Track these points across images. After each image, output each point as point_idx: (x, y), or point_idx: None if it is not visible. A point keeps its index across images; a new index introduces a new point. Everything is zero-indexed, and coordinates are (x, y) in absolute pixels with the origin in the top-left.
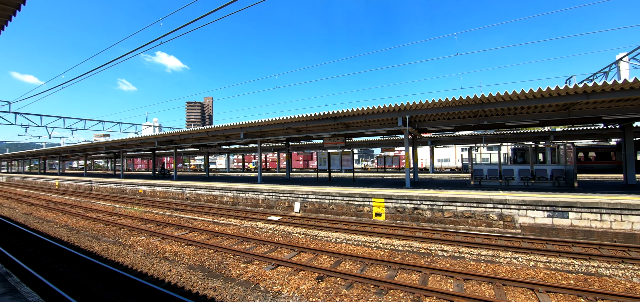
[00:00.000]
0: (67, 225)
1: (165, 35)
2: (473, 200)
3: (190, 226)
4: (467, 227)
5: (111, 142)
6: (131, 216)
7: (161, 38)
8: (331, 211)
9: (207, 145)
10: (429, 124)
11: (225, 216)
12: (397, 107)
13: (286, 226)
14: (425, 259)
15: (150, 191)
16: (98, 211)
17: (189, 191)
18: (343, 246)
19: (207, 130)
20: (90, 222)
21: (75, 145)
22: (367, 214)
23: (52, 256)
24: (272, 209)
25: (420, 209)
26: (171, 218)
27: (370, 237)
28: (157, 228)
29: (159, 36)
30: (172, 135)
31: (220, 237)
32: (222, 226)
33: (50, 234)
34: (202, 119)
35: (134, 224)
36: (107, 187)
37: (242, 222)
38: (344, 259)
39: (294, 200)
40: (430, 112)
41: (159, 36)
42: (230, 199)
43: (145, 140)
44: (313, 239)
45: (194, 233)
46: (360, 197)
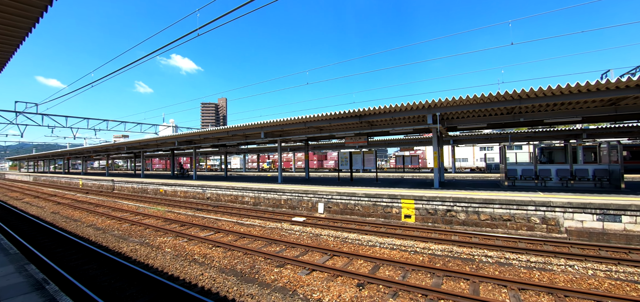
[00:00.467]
0: (93, 224)
1: (181, 38)
2: (513, 202)
3: (214, 227)
4: (506, 231)
5: (132, 143)
6: (155, 215)
7: (177, 41)
8: (357, 212)
9: (226, 145)
10: (459, 121)
11: (248, 217)
12: (427, 104)
13: (312, 228)
14: (469, 265)
15: (171, 191)
16: (122, 210)
17: (209, 191)
18: (377, 249)
19: (227, 130)
20: (116, 222)
21: (98, 146)
22: (396, 216)
23: (82, 257)
24: (295, 210)
25: (454, 211)
26: (194, 218)
27: (404, 240)
28: (182, 229)
29: (174, 39)
30: (191, 135)
31: (247, 238)
32: (247, 227)
33: (78, 234)
34: (216, 120)
35: (158, 224)
36: (128, 187)
37: (266, 223)
38: (382, 264)
39: (318, 201)
40: (462, 109)
41: (174, 39)
42: (252, 199)
43: (165, 141)
44: (343, 242)
45: (220, 234)
46: (389, 198)
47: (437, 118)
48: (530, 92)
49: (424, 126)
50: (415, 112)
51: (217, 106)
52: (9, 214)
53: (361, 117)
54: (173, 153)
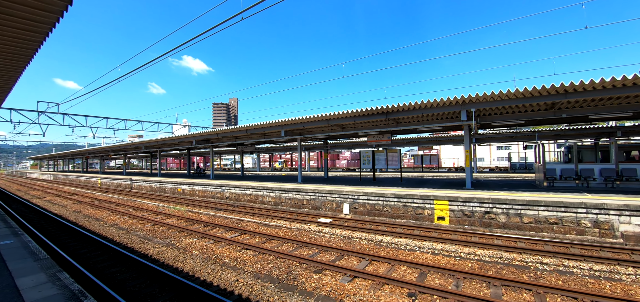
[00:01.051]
0: (116, 224)
1: (192, 40)
2: (560, 204)
3: (239, 228)
4: (553, 235)
5: (149, 142)
6: (176, 215)
7: (189, 42)
8: (385, 213)
9: (244, 144)
10: (494, 118)
11: (271, 217)
12: (462, 99)
13: (341, 229)
14: (526, 273)
15: (189, 190)
16: (143, 209)
17: (228, 191)
18: (418, 254)
19: (246, 128)
20: (138, 222)
21: (115, 145)
22: (428, 218)
23: (108, 259)
24: (318, 211)
25: (493, 213)
26: (217, 218)
27: (444, 244)
28: (206, 229)
29: (186, 40)
30: (209, 134)
31: (275, 240)
32: (272, 228)
33: (102, 234)
34: (227, 120)
35: (181, 224)
36: (146, 186)
37: (292, 224)
38: (429, 272)
39: (343, 201)
40: (499, 104)
41: (186, 40)
42: (272, 199)
43: (183, 140)
44: (379, 246)
45: (246, 236)
46: (420, 199)
47: (472, 114)
48: (578, 86)
49: (457, 123)
50: (448, 108)
51: (229, 106)
52: (34, 214)
53: (389, 114)
54: (189, 152)
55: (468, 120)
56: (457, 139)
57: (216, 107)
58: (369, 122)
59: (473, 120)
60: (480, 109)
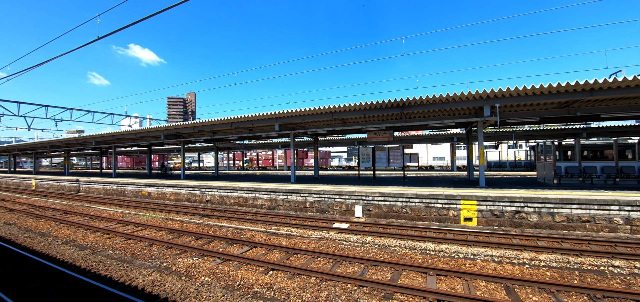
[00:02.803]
0: (73, 240)
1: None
2: (593, 201)
3: (244, 240)
4: (586, 233)
5: (103, 136)
6: (152, 225)
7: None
8: (405, 215)
9: (223, 140)
10: (511, 115)
11: (275, 224)
12: (485, 94)
13: (365, 236)
14: (606, 280)
15: (157, 193)
16: (103, 218)
17: (209, 193)
18: (481, 264)
19: (230, 121)
20: (103, 236)
21: (56, 140)
22: (453, 219)
23: (78, 299)
24: (325, 214)
25: (525, 212)
26: (208, 228)
27: (498, 249)
28: (203, 243)
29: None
30: (182, 128)
31: (301, 255)
32: (286, 238)
33: (56, 256)
34: (184, 115)
35: (165, 237)
36: (99, 188)
37: (306, 232)
38: (514, 285)
39: (355, 203)
40: (523, 100)
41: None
42: (267, 202)
43: (147, 134)
44: (425, 254)
45: (260, 250)
46: (445, 199)
47: (497, 110)
48: (603, 84)
49: (474, 118)
50: (470, 103)
51: (185, 101)
52: None
53: (403, 107)
54: (150, 149)
55: (492, 115)
56: (441, 138)
57: (171, 101)
58: (376, 117)
59: (497, 116)
60: (503, 104)
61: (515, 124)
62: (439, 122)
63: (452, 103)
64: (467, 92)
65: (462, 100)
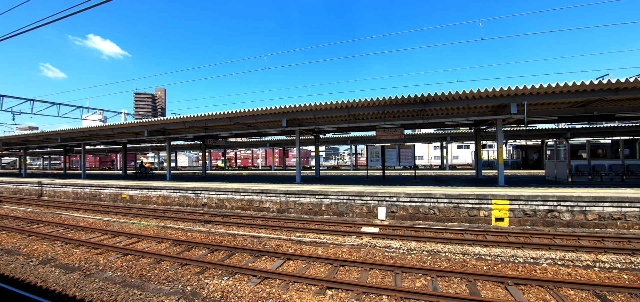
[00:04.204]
0: (53, 259)
1: None
2: (625, 199)
3: (272, 251)
4: (618, 231)
5: (72, 131)
6: (148, 235)
7: None
8: (432, 216)
9: (217, 137)
10: (532, 113)
11: (292, 230)
12: (512, 91)
13: (406, 241)
14: None
15: (140, 196)
16: (83, 228)
17: (205, 196)
18: (547, 267)
19: (229, 116)
20: (91, 252)
21: (11, 136)
22: (484, 220)
23: None
24: (343, 217)
25: (557, 211)
26: (220, 237)
27: (558, 251)
28: (224, 258)
29: None
30: (169, 123)
31: (351, 268)
32: (320, 247)
33: (38, 284)
34: (153, 112)
35: (171, 250)
36: (67, 191)
37: (337, 238)
38: (605, 292)
39: (377, 204)
40: (549, 98)
41: None
42: (275, 205)
43: (127, 129)
44: (480, 260)
45: (298, 264)
46: (476, 199)
47: (524, 107)
48: (635, 83)
49: (497, 116)
50: (496, 100)
51: (154, 97)
52: None
53: (426, 103)
54: (125, 147)
55: (519, 113)
56: (434, 137)
57: (139, 97)
58: (391, 113)
59: (525, 113)
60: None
61: (540, 122)
62: (456, 120)
63: (478, 100)
64: (492, 89)
65: (489, 97)
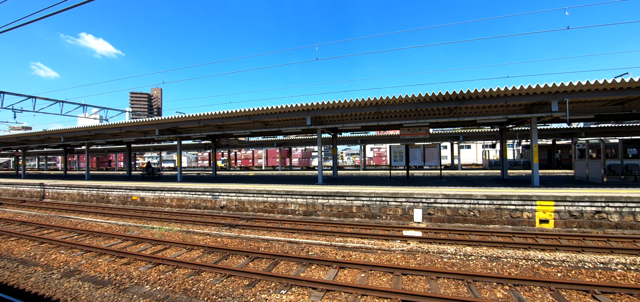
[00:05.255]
0: (76, 270)
1: None
2: None
3: (319, 258)
4: None
5: (76, 130)
6: (174, 241)
7: None
8: (472, 218)
9: (231, 136)
10: (570, 111)
11: (332, 234)
12: (554, 88)
13: (459, 246)
14: None
15: (153, 198)
16: (99, 234)
17: (225, 197)
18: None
19: (248, 114)
20: (118, 262)
21: (10, 136)
22: (528, 222)
23: None
24: (376, 219)
25: (605, 212)
26: (256, 244)
27: (619, 255)
28: (269, 267)
29: None
30: (181, 121)
31: (417, 278)
32: (370, 254)
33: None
34: (149, 111)
35: (208, 259)
36: (72, 194)
37: (384, 244)
38: None
39: (413, 206)
40: (591, 96)
41: None
42: (302, 207)
43: (136, 128)
44: (547, 266)
45: (356, 273)
46: (519, 200)
47: (567, 105)
48: None
49: (532, 115)
50: (537, 97)
51: (151, 96)
52: None
53: (462, 101)
54: (129, 147)
55: (560, 111)
56: (442, 137)
57: (135, 96)
58: (420, 111)
59: (567, 111)
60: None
61: (577, 120)
62: (488, 119)
63: (517, 97)
64: (528, 86)
65: (529, 94)
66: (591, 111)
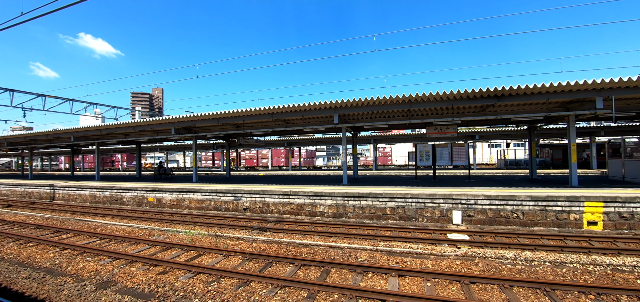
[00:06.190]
0: (112, 281)
1: None
2: None
3: (373, 266)
4: None
5: (87, 130)
6: (205, 246)
7: None
8: (515, 221)
9: (250, 135)
10: None
11: (373, 238)
12: (601, 83)
13: (532, 252)
14: None
15: (170, 200)
16: (124, 238)
17: (248, 199)
18: None
19: (271, 112)
20: (152, 270)
21: (18, 136)
22: (575, 224)
23: None
24: (411, 222)
25: None
26: (297, 249)
27: None
28: (319, 277)
29: None
30: (198, 120)
31: (487, 287)
32: (420, 259)
33: None
34: (150, 111)
35: (251, 268)
36: (84, 195)
37: (435, 248)
38: None
39: (451, 208)
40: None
41: None
42: (331, 208)
43: (150, 127)
44: (617, 271)
45: (421, 283)
46: (565, 201)
47: (613, 102)
48: None
49: (569, 113)
50: (580, 94)
51: (152, 96)
52: None
53: (500, 98)
54: (139, 147)
55: (605, 109)
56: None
57: (136, 96)
58: (451, 110)
59: (613, 109)
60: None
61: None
62: (522, 116)
63: (560, 94)
64: (583, 81)
65: (572, 91)
66: (634, 108)
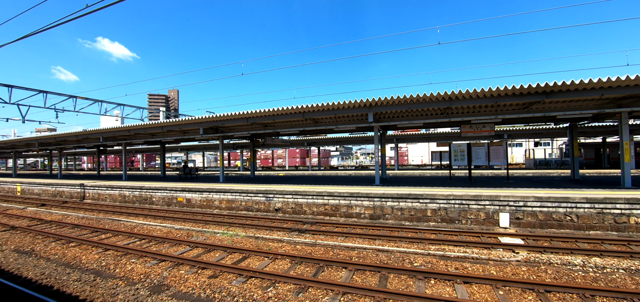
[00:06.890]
0: (163, 285)
1: None
2: None
3: (431, 271)
4: None
5: (116, 130)
6: (247, 249)
7: None
8: (568, 224)
9: (278, 135)
10: None
11: (419, 241)
12: None
13: (601, 258)
14: None
15: (200, 200)
16: (161, 239)
17: (280, 199)
18: None
19: (303, 111)
20: (201, 274)
21: (48, 136)
22: (635, 227)
23: None
24: (454, 224)
25: None
26: (345, 252)
27: None
28: (377, 281)
29: None
30: (227, 119)
31: (566, 295)
32: (478, 265)
33: None
34: (167, 111)
35: (303, 272)
36: (113, 194)
37: (492, 253)
38: None
39: (498, 210)
40: None
41: None
42: (368, 210)
43: (178, 127)
44: None
45: (487, 290)
46: (625, 203)
47: None
48: None
49: (622, 110)
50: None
51: (168, 98)
52: None
53: (550, 94)
54: (164, 147)
55: None
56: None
57: (152, 98)
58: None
59: None
60: None
61: None
62: (570, 114)
63: (616, 90)
64: (635, 76)
65: (629, 86)
66: None
